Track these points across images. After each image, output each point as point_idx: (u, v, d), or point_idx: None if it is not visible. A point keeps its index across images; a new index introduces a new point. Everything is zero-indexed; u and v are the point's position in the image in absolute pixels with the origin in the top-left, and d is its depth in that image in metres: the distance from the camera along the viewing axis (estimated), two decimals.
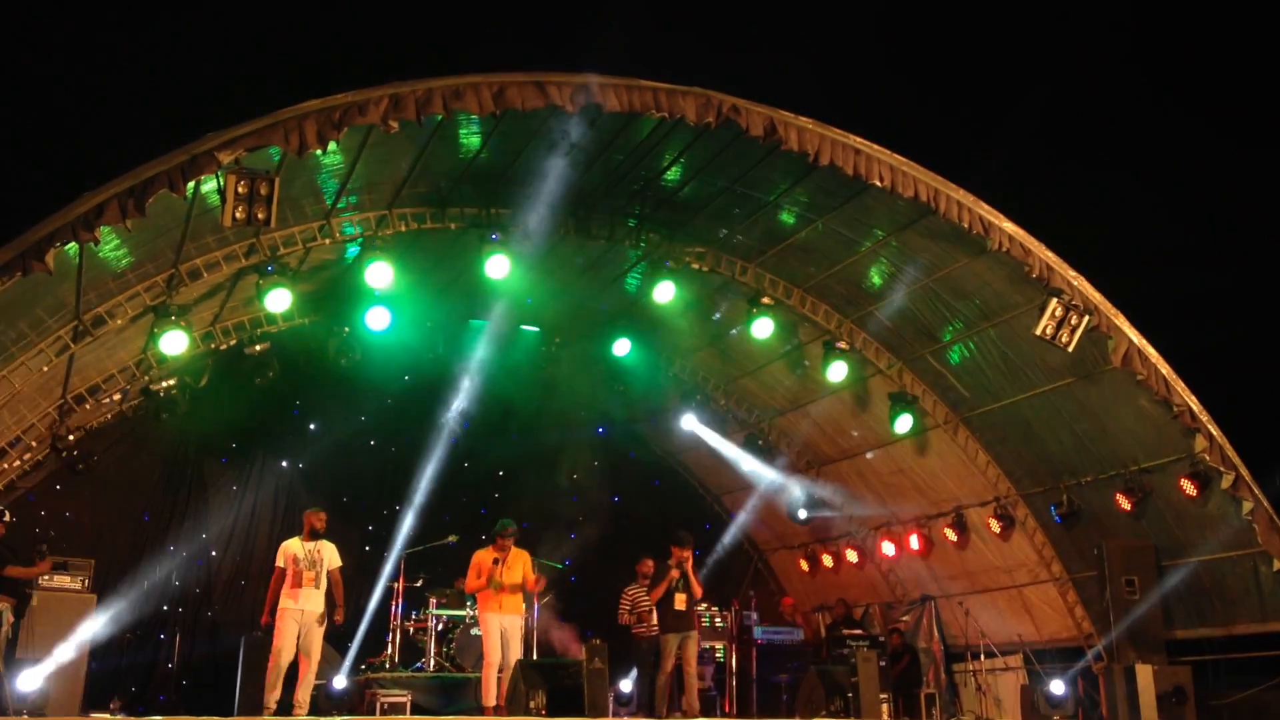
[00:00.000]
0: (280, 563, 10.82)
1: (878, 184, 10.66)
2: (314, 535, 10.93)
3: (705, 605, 14.32)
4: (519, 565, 11.38)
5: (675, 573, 11.55)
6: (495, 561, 11.19)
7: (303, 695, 10.60)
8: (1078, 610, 14.07)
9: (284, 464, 15.79)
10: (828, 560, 17.54)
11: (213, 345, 13.29)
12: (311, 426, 15.91)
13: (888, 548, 16.28)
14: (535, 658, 13.22)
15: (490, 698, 10.93)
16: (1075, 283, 11.21)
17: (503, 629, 11.07)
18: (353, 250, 12.58)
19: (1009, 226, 11.00)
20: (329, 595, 10.86)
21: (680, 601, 11.56)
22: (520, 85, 9.53)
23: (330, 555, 11.02)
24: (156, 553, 14.48)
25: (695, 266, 13.40)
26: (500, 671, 11.01)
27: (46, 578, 11.31)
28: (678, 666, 11.62)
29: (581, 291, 14.41)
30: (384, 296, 12.33)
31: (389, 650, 13.83)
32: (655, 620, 11.82)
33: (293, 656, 10.51)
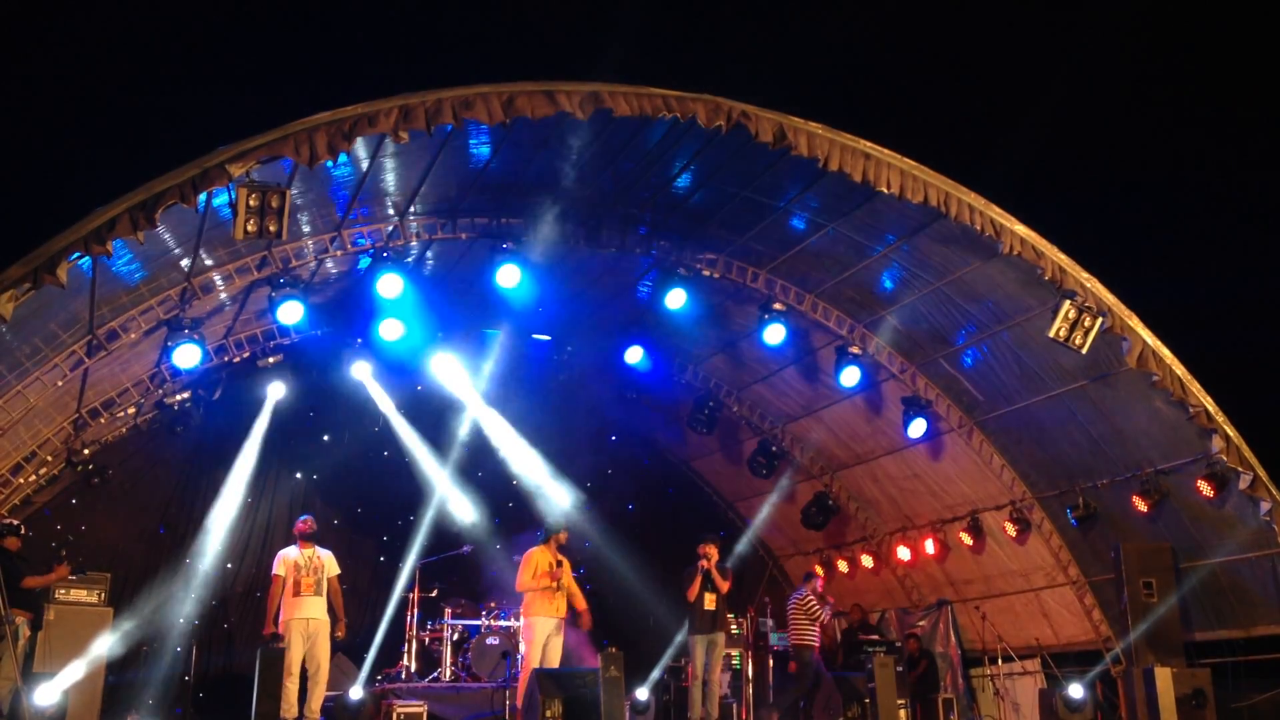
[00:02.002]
0: (280, 570, 10.83)
1: (885, 190, 10.63)
2: (306, 540, 10.95)
3: None
4: (568, 569, 11.43)
5: (703, 563, 11.59)
6: (559, 563, 11.20)
7: (314, 705, 10.60)
8: (1095, 613, 14.00)
9: (298, 476, 15.84)
10: (843, 566, 17.50)
11: (226, 358, 13.35)
12: (325, 438, 15.95)
13: (903, 552, 16.24)
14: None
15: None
16: (1088, 284, 11.16)
17: (549, 635, 11.07)
18: (364, 261, 12.61)
19: (1021, 229, 10.96)
20: (330, 605, 10.87)
21: (710, 601, 11.58)
22: (530, 94, 9.54)
23: (329, 563, 11.03)
24: (172, 566, 14.53)
25: (706, 273, 13.40)
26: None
27: (63, 591, 11.34)
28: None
29: (593, 299, 14.41)
30: (395, 307, 12.35)
31: (405, 660, 13.85)
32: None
33: (301, 667, 10.53)
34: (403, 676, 13.57)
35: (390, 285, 11.79)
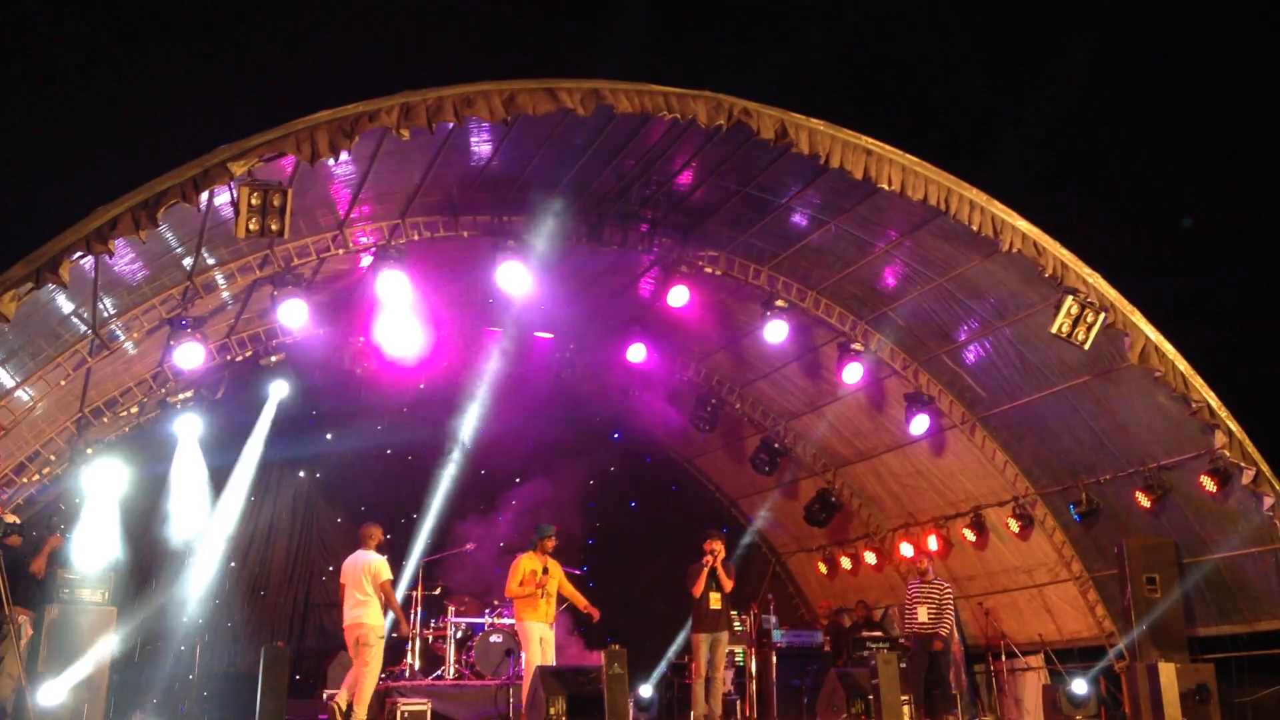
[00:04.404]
0: None
1: (886, 187, 10.62)
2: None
3: None
4: (558, 574, 11.44)
5: (708, 559, 11.58)
6: (545, 570, 11.23)
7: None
8: (1099, 609, 14.00)
9: (301, 474, 15.85)
10: (846, 562, 17.51)
11: (228, 357, 13.34)
12: (328, 436, 15.96)
13: (906, 549, 16.23)
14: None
15: None
16: (1091, 280, 11.15)
17: (542, 637, 11.12)
18: (366, 260, 12.61)
19: (1023, 225, 10.95)
20: None
21: (715, 600, 11.58)
22: (531, 92, 9.53)
23: None
24: (175, 565, 14.53)
25: (708, 270, 13.39)
26: None
27: (67, 591, 11.33)
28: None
29: (595, 297, 14.41)
30: (397, 305, 12.34)
31: (409, 658, 13.86)
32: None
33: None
34: (406, 674, 13.58)
35: (392, 283, 11.79)
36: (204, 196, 9.11)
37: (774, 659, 14.64)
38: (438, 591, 14.46)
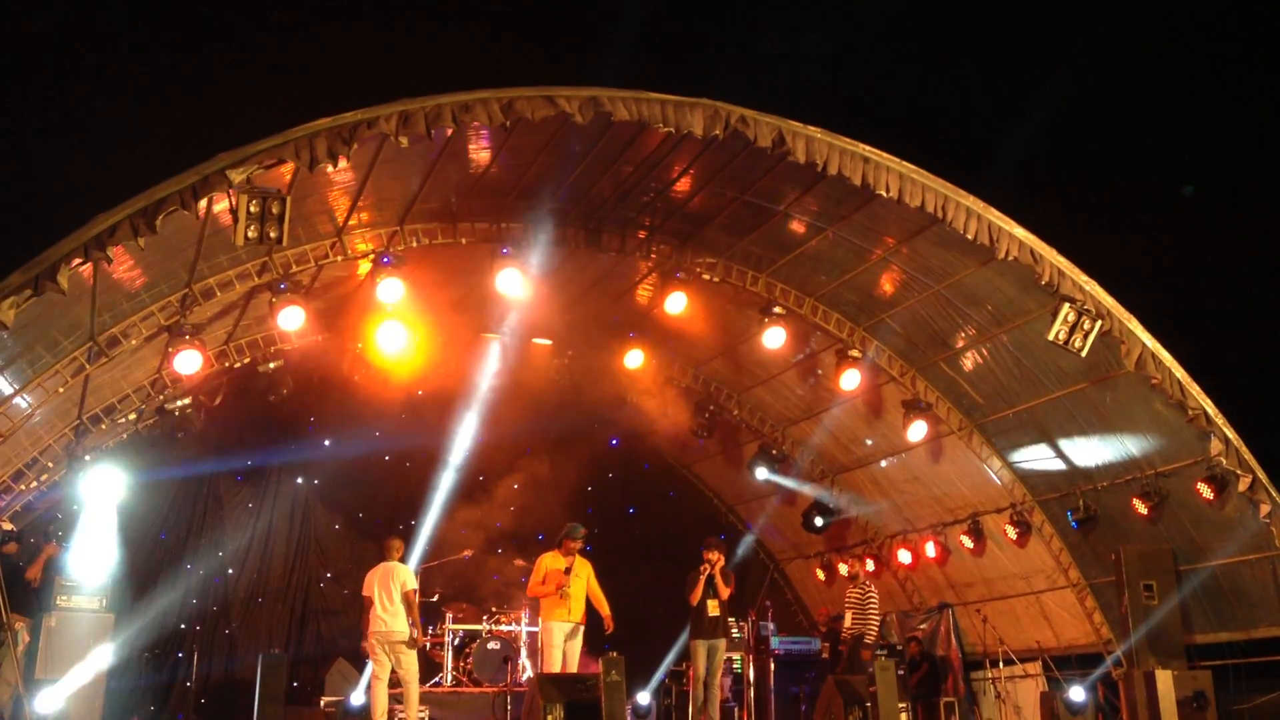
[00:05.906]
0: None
1: (884, 193, 10.64)
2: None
3: None
4: (585, 573, 11.41)
5: (705, 567, 11.59)
6: (567, 570, 11.22)
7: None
8: (1096, 616, 14.01)
9: (299, 481, 15.85)
10: (844, 569, 17.49)
11: (227, 364, 13.34)
12: (326, 443, 15.96)
13: (904, 556, 16.24)
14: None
15: None
16: (1087, 287, 11.18)
17: (564, 637, 11.11)
18: (365, 266, 12.62)
19: (1020, 232, 10.97)
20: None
21: (713, 607, 11.58)
22: (530, 99, 9.56)
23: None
24: (174, 571, 14.53)
25: (706, 277, 13.40)
26: None
27: (64, 598, 11.34)
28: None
29: (593, 304, 14.42)
30: (396, 312, 12.35)
31: None
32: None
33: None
34: None
35: (390, 290, 11.80)
36: (203, 204, 9.12)
37: (772, 666, 14.64)
38: (435, 598, 14.45)
